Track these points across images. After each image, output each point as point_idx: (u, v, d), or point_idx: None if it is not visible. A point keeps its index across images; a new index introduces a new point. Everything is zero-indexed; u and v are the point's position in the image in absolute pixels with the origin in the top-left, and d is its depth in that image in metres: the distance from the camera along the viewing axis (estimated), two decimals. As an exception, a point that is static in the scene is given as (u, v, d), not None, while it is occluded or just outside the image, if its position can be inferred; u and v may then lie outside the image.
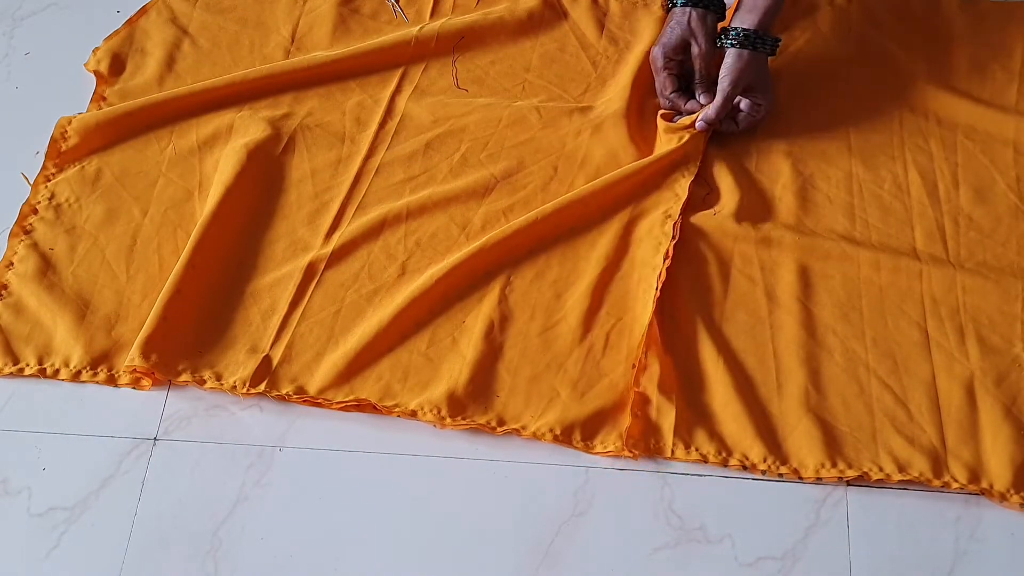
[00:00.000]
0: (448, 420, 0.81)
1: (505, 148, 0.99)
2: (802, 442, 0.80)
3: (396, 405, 0.83)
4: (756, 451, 0.79)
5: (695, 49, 0.94)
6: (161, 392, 0.86)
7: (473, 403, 0.83)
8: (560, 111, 1.01)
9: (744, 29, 0.91)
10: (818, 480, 0.78)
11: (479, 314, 0.87)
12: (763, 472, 0.79)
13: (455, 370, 0.84)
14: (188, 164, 0.98)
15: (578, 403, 0.82)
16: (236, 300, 0.90)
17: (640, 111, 1.01)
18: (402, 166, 0.98)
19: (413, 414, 0.82)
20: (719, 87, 0.93)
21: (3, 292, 0.90)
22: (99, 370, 0.86)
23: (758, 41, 0.92)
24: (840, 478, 0.78)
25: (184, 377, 0.84)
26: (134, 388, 0.85)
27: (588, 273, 0.90)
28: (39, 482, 0.81)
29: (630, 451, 0.80)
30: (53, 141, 0.99)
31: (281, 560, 0.77)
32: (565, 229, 0.93)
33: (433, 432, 0.82)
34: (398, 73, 1.05)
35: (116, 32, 1.10)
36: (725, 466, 0.79)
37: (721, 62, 0.94)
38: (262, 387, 0.84)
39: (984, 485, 0.77)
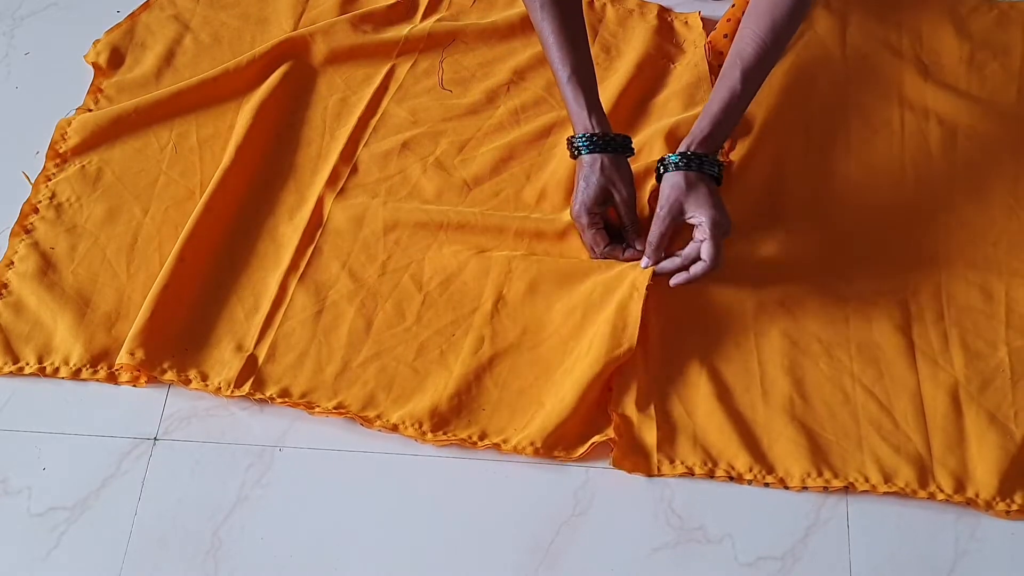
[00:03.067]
0: (429, 435, 0.81)
1: (480, 153, 0.99)
2: (788, 450, 0.79)
3: (378, 417, 0.82)
4: (741, 461, 0.79)
5: (617, 196, 0.86)
6: (161, 392, 0.86)
7: (456, 417, 0.82)
8: (539, 119, 1.01)
9: (681, 152, 0.84)
10: (804, 489, 0.78)
11: (470, 328, 0.87)
12: (749, 482, 0.79)
13: (440, 384, 0.84)
14: (189, 162, 0.98)
15: (558, 412, 0.81)
16: (222, 296, 0.90)
17: (621, 124, 1.00)
18: (377, 164, 0.98)
19: (395, 428, 0.82)
20: (655, 215, 0.85)
21: (3, 291, 0.90)
22: (99, 368, 0.86)
23: (696, 163, 0.83)
24: (825, 488, 0.78)
25: (169, 375, 0.84)
26: (134, 385, 0.85)
27: (580, 288, 0.88)
28: (39, 482, 0.81)
29: (617, 464, 0.80)
30: (53, 142, 0.99)
31: (281, 560, 0.77)
32: (556, 241, 0.92)
33: (433, 432, 0.82)
34: (384, 71, 1.05)
35: (117, 25, 1.10)
36: (711, 477, 0.79)
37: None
38: (246, 388, 0.84)
39: (970, 494, 0.77)
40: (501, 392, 0.84)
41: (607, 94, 1.01)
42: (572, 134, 0.87)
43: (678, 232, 0.87)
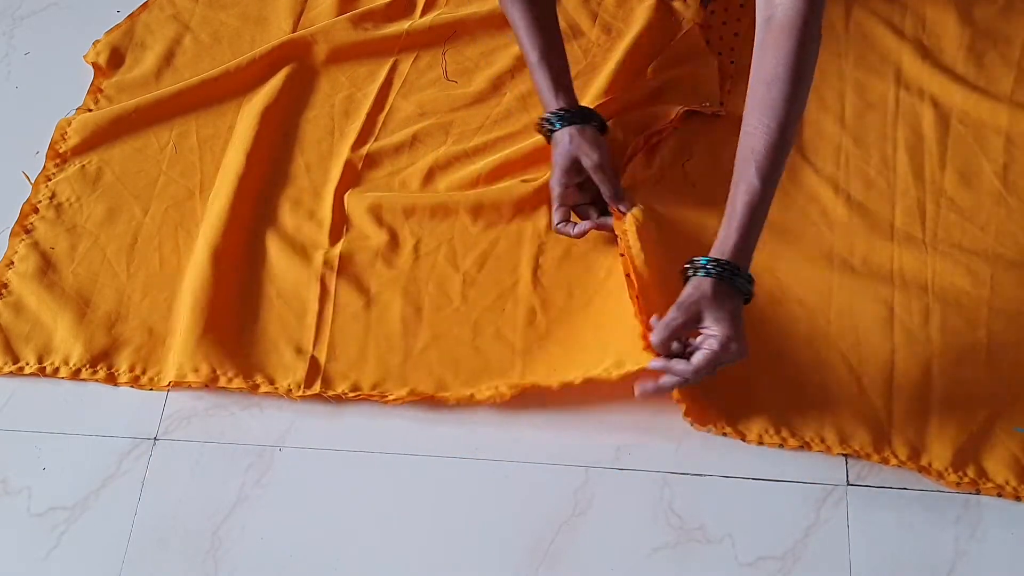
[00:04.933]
0: (507, 393, 0.81)
1: (490, 141, 0.99)
2: (748, 407, 0.81)
3: (454, 396, 0.83)
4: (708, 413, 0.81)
5: (587, 161, 0.84)
6: (161, 392, 0.86)
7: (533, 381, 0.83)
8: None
9: (712, 258, 0.75)
10: (760, 443, 0.80)
11: (518, 300, 0.88)
12: (707, 430, 0.80)
13: (506, 362, 0.84)
14: (188, 162, 0.99)
15: (633, 347, 0.80)
16: (264, 301, 0.89)
17: (620, 101, 0.99)
18: (389, 158, 0.98)
19: (471, 397, 0.82)
20: (668, 314, 0.75)
21: (3, 291, 0.91)
22: (99, 368, 0.86)
23: (726, 272, 0.74)
24: (781, 446, 0.79)
25: (236, 383, 0.84)
26: (133, 387, 0.86)
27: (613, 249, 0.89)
28: (39, 482, 0.81)
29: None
30: (53, 142, 1.00)
31: (281, 560, 0.77)
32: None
33: (434, 432, 0.82)
34: (387, 66, 1.05)
35: (117, 26, 1.10)
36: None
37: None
38: (317, 387, 0.84)
39: (923, 463, 0.78)
40: (566, 352, 0.84)
41: (608, 69, 1.01)
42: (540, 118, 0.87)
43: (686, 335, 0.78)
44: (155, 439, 0.83)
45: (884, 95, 1.00)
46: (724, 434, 0.80)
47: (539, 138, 0.96)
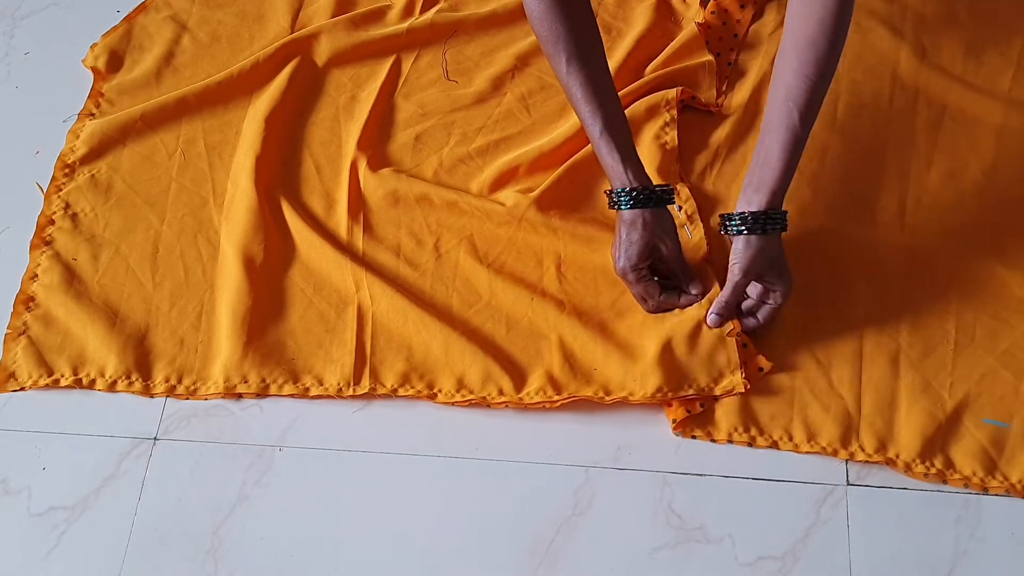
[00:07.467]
0: (556, 398, 0.82)
1: (492, 142, 0.99)
2: (719, 404, 0.82)
3: (500, 393, 0.83)
4: (678, 411, 0.81)
5: (664, 250, 0.83)
6: (199, 400, 0.86)
7: (574, 380, 0.83)
8: (548, 104, 1.01)
9: (751, 212, 0.79)
10: (729, 442, 0.80)
11: (545, 293, 0.88)
12: (677, 433, 0.81)
13: (544, 352, 0.85)
14: (198, 169, 0.98)
15: (671, 358, 0.82)
16: (304, 300, 0.89)
17: (621, 93, 0.99)
18: (394, 159, 0.98)
19: (520, 401, 0.82)
20: (729, 274, 0.81)
21: (31, 304, 0.90)
22: (133, 380, 0.86)
23: (768, 223, 0.79)
24: (750, 444, 0.80)
25: (288, 388, 0.84)
26: (169, 397, 0.85)
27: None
28: (39, 482, 0.81)
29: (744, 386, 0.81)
30: (63, 153, 0.99)
31: (281, 560, 0.77)
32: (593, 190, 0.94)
33: (434, 432, 0.82)
34: (388, 66, 1.05)
35: (114, 28, 1.10)
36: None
37: (684, 255, 0.86)
38: (366, 382, 0.84)
39: (891, 455, 0.78)
40: (604, 349, 0.84)
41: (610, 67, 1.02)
42: (609, 188, 0.84)
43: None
44: (155, 439, 0.83)
45: (879, 94, 1.00)
46: (694, 436, 0.81)
47: (541, 144, 0.97)
